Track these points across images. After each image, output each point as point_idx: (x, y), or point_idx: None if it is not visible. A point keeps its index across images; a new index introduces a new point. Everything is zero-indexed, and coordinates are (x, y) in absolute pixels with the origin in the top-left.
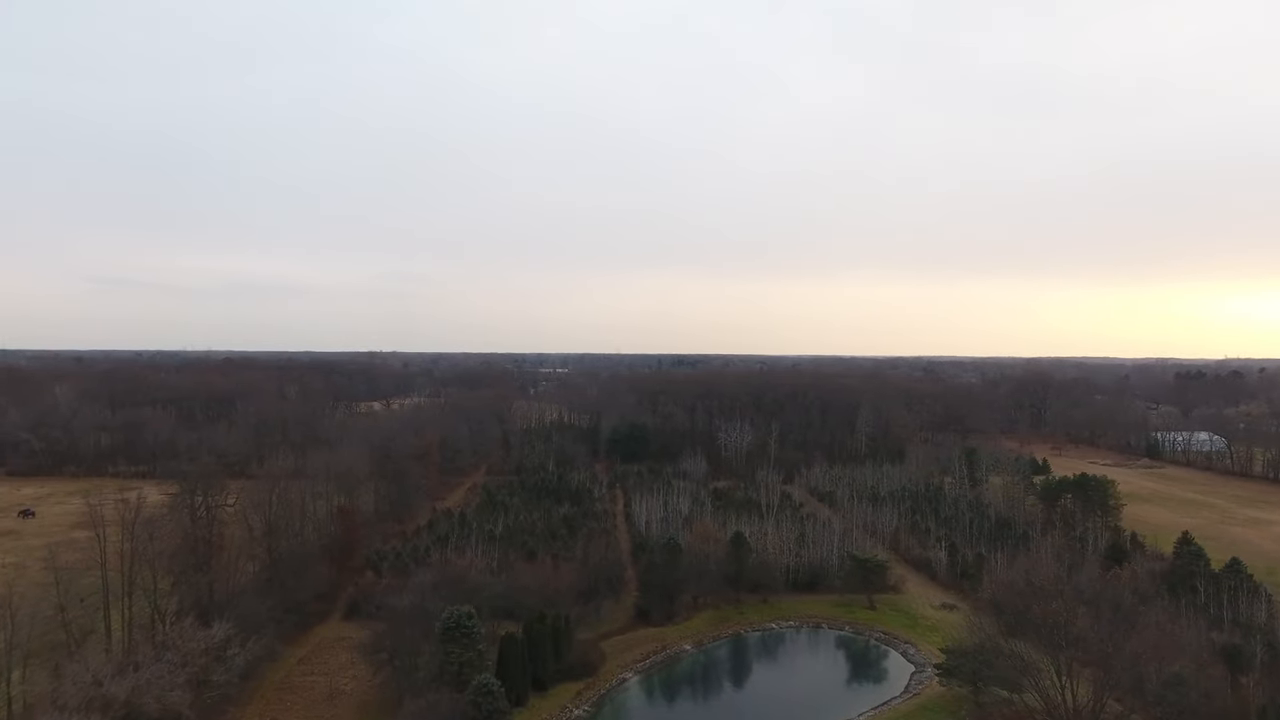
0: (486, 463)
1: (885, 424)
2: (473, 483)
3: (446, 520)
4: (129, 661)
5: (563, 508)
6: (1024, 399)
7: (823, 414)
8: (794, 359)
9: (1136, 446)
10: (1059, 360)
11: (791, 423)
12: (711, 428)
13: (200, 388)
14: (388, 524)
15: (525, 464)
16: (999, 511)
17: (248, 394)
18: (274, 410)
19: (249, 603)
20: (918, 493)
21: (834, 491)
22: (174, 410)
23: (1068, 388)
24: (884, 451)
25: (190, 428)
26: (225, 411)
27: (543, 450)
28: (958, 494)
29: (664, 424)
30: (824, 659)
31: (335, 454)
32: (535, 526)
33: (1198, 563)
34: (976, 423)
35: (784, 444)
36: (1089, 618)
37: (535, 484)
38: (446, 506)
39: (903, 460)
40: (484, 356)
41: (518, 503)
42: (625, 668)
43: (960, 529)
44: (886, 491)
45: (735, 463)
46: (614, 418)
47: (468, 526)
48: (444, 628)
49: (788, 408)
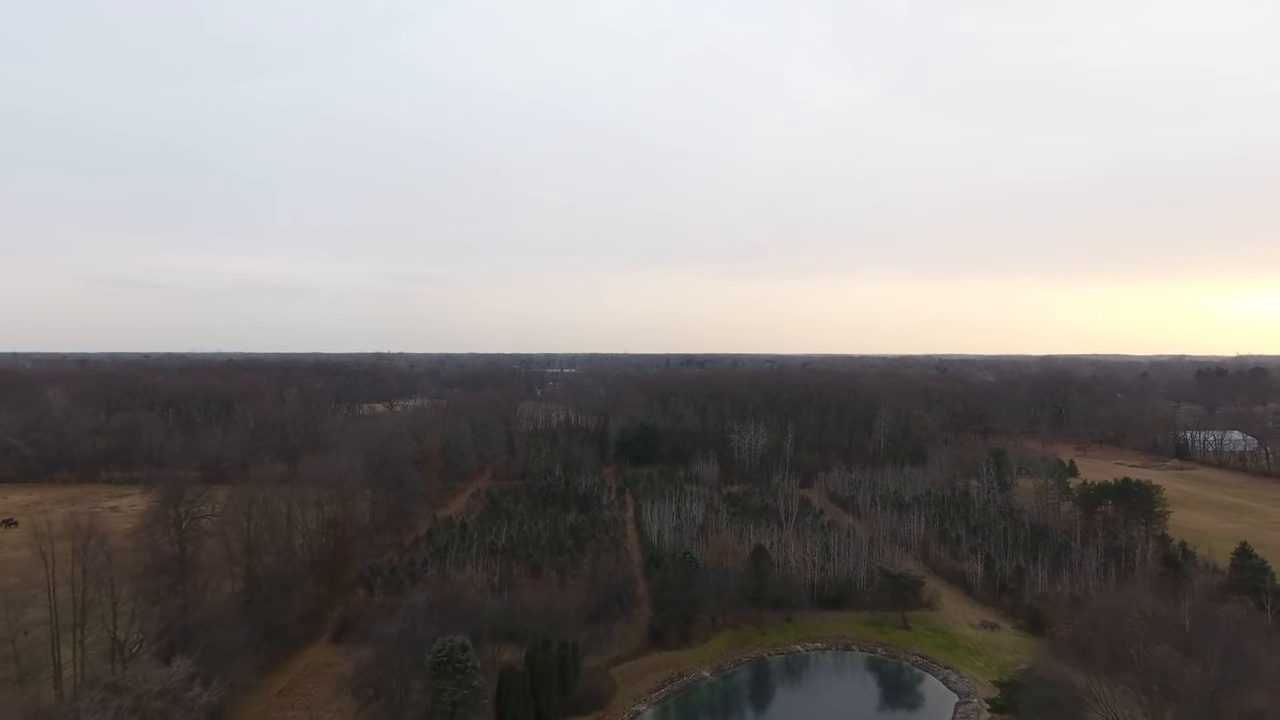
0: (491, 467)
1: (904, 424)
2: (476, 488)
3: (447, 530)
4: (70, 709)
5: (570, 515)
6: (1045, 398)
7: (839, 414)
8: (804, 358)
9: (1164, 447)
10: (1072, 358)
11: (807, 424)
12: (724, 429)
13: (198, 391)
14: (384, 534)
15: (531, 468)
16: (1032, 518)
17: (247, 396)
18: (273, 413)
19: (221, 630)
20: (944, 498)
21: (855, 497)
22: (171, 414)
23: (1089, 386)
24: (904, 453)
25: (187, 432)
26: (223, 415)
27: (549, 454)
28: (986, 499)
29: (674, 425)
30: (856, 685)
31: (330, 459)
32: (540, 537)
33: (1262, 577)
34: (997, 422)
35: (800, 446)
36: (1198, 663)
37: (541, 489)
38: (448, 514)
39: (924, 462)
40: (491, 357)
41: (522, 510)
42: (638, 699)
43: (994, 538)
44: (911, 496)
45: (749, 466)
46: (623, 419)
47: (469, 537)
48: (435, 661)
49: (803, 408)
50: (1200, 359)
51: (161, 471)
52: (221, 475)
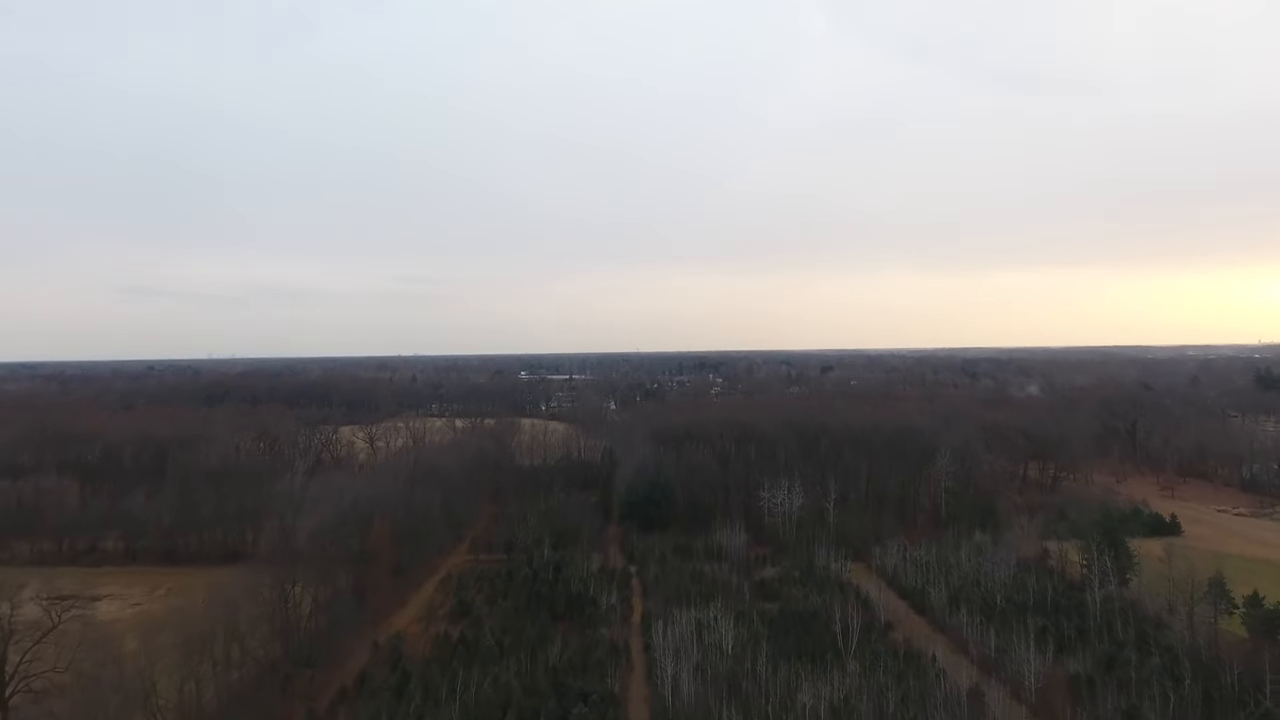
0: (473, 532)
1: (966, 472)
2: (448, 571)
3: (381, 672)
4: None
5: (559, 633)
6: (1115, 421)
7: (888, 454)
8: (820, 354)
9: (1264, 481)
10: (1093, 350)
11: (849, 470)
12: (750, 481)
13: (139, 433)
14: (298, 682)
15: (518, 538)
16: (1180, 638)
17: (196, 442)
18: (220, 467)
19: None
20: (1046, 598)
21: (924, 589)
22: (97, 464)
23: (1165, 409)
24: (968, 510)
25: (119, 488)
26: (157, 468)
27: (543, 511)
28: (1105, 599)
29: (691, 476)
30: None
31: (234, 571)
32: (512, 690)
33: None
34: (1058, 448)
35: (843, 503)
36: None
37: (526, 578)
38: (396, 632)
39: (996, 525)
40: (500, 360)
41: (498, 620)
42: None
43: (1144, 685)
44: (1001, 593)
45: (783, 531)
46: (633, 462)
47: (409, 695)
48: None
49: (845, 453)
50: (1226, 348)
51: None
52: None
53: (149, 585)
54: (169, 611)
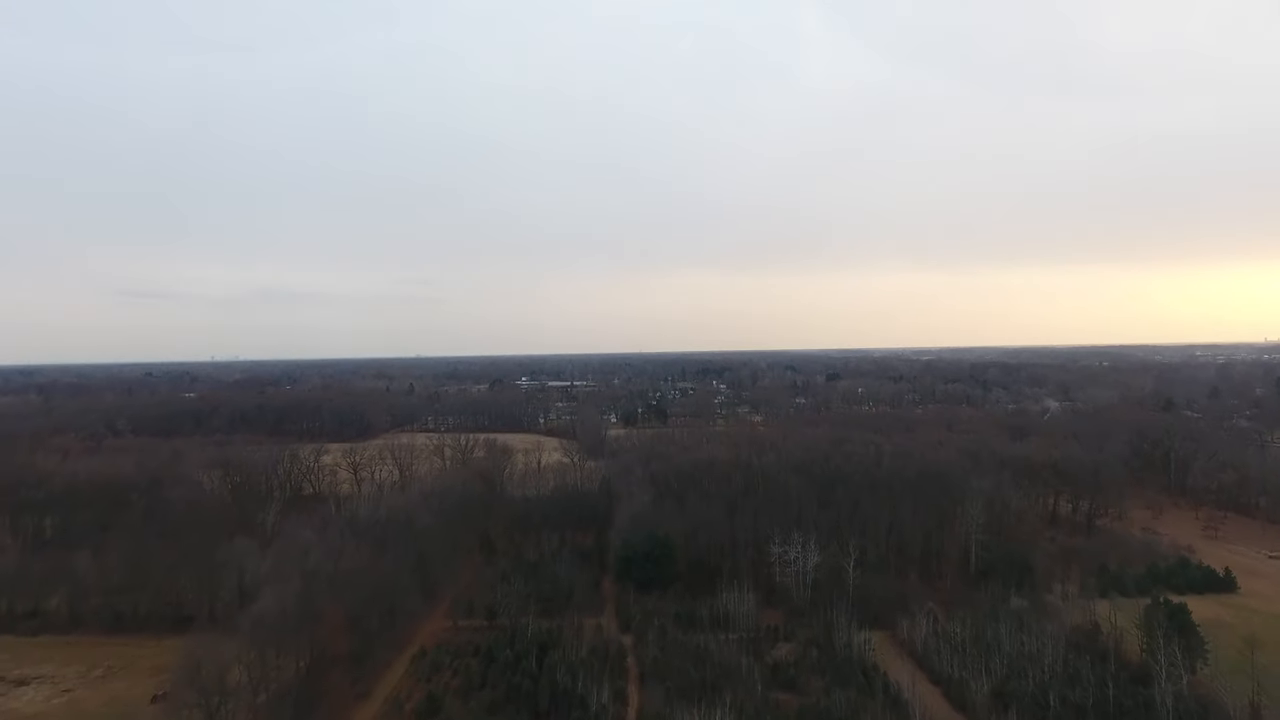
0: (455, 586)
1: (998, 521)
2: (422, 644)
3: None
4: None
5: None
6: (1150, 450)
7: (913, 506)
8: (822, 354)
9: None
10: (1100, 350)
11: (868, 521)
12: (758, 535)
13: (97, 474)
14: None
15: (501, 603)
16: None
17: (159, 482)
18: (181, 514)
19: None
20: (1108, 696)
21: (963, 678)
22: (46, 511)
23: (1199, 434)
24: (1003, 566)
25: (69, 540)
26: (115, 515)
27: (530, 570)
28: (1176, 698)
29: (694, 528)
30: None
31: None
32: None
33: None
34: (1090, 481)
35: (863, 558)
36: None
37: (507, 661)
38: None
39: (1033, 583)
40: (502, 362)
41: None
42: None
43: None
44: (1056, 691)
45: (796, 593)
46: (631, 508)
47: None
48: None
49: (863, 501)
50: (1235, 347)
51: None
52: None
53: (88, 662)
54: (100, 704)
